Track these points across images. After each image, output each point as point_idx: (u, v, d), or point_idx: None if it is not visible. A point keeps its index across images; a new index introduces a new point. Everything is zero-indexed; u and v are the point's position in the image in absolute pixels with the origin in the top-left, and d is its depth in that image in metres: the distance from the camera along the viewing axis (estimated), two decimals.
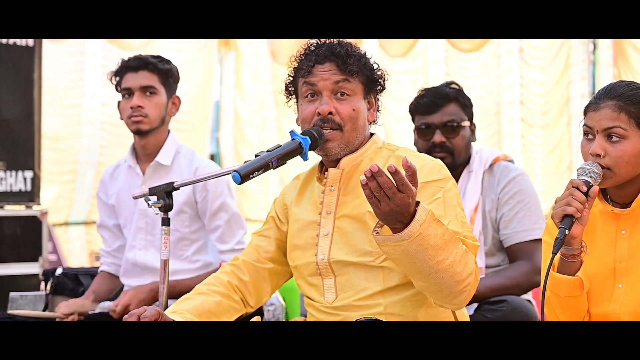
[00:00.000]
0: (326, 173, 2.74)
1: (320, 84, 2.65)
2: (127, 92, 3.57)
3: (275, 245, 2.85)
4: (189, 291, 3.43)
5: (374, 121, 2.76)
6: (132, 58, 3.58)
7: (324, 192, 2.73)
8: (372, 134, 2.77)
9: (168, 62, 3.63)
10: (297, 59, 2.73)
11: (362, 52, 2.72)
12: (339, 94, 2.66)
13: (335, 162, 2.72)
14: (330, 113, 2.64)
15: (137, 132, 3.58)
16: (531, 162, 8.16)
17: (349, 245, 2.66)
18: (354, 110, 2.66)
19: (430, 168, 2.63)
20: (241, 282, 2.79)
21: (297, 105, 2.78)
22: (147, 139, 3.60)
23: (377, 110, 2.77)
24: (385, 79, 2.76)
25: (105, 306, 3.51)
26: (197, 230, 3.63)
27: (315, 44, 2.71)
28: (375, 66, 2.73)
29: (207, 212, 3.57)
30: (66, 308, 3.48)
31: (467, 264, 2.44)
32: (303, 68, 2.69)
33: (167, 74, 3.59)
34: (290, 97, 2.78)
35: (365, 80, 2.70)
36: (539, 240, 3.40)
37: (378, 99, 2.77)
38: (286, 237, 2.83)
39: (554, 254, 2.38)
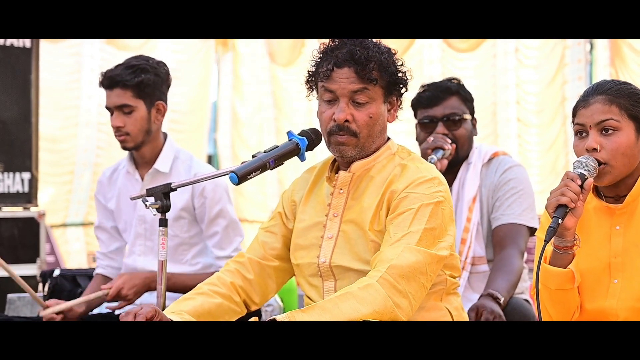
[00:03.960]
0: (336, 175, 2.73)
1: (338, 91, 2.61)
2: (109, 110, 3.55)
3: (282, 243, 2.82)
4: (183, 286, 3.42)
5: (396, 118, 2.72)
6: (105, 75, 3.52)
7: (332, 193, 2.72)
8: (388, 138, 2.74)
9: (143, 70, 3.49)
10: (316, 56, 2.68)
11: (384, 54, 2.64)
12: (357, 100, 2.62)
13: (347, 165, 2.70)
14: (346, 121, 2.61)
15: (124, 149, 3.59)
16: (527, 161, 8.16)
17: (352, 252, 2.64)
18: (371, 117, 2.62)
19: (424, 182, 2.60)
20: (245, 281, 2.76)
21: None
22: (141, 150, 3.58)
23: (399, 108, 2.72)
24: (408, 77, 2.70)
25: (100, 294, 3.47)
26: (196, 235, 3.62)
27: (335, 43, 2.65)
28: (398, 64, 2.67)
29: (206, 218, 3.56)
30: (54, 308, 3.41)
31: (374, 299, 2.38)
32: (321, 71, 2.64)
33: (140, 86, 3.48)
34: (311, 91, 2.73)
35: (386, 85, 2.64)
36: (524, 226, 3.44)
37: (400, 97, 2.71)
38: (292, 234, 2.80)
39: (546, 241, 2.40)
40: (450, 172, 3.52)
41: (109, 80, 3.51)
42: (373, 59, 2.61)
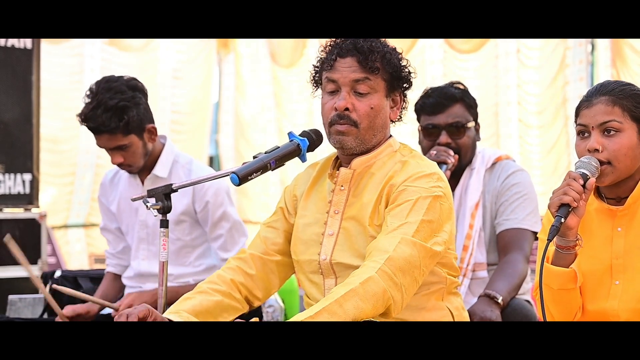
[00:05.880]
0: (338, 171, 2.72)
1: (340, 80, 2.62)
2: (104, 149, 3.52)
3: (284, 238, 2.82)
4: None
5: (398, 119, 2.72)
6: (85, 120, 3.44)
7: (333, 190, 2.71)
8: (390, 136, 2.73)
9: (123, 109, 3.38)
10: (323, 51, 2.70)
11: (388, 48, 2.66)
12: (358, 90, 2.62)
13: (348, 159, 2.70)
14: (347, 109, 2.61)
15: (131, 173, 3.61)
16: (529, 162, 8.16)
17: (352, 249, 2.64)
18: (372, 108, 2.62)
19: (423, 176, 2.60)
20: (247, 277, 2.76)
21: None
22: None
23: (403, 108, 2.73)
24: (412, 77, 2.71)
25: (113, 306, 3.50)
26: (198, 237, 3.63)
27: (340, 39, 2.67)
28: (403, 63, 2.68)
29: (209, 222, 3.56)
30: (71, 312, 3.46)
31: (375, 293, 2.37)
32: (325, 61, 2.66)
33: (127, 127, 3.40)
34: (316, 88, 2.74)
35: (389, 78, 2.65)
36: (528, 231, 3.44)
37: (404, 97, 2.73)
38: (293, 228, 2.80)
39: (549, 240, 2.40)
40: (453, 178, 3.51)
41: (93, 129, 3.45)
42: (376, 49, 2.63)
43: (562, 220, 2.39)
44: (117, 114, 3.39)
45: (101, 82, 3.47)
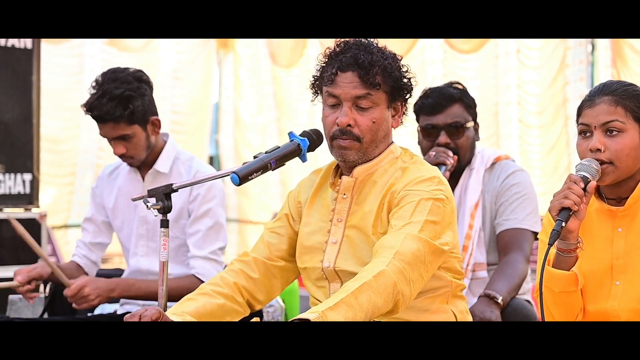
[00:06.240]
0: (340, 180, 2.72)
1: (342, 96, 2.61)
2: (107, 139, 3.51)
3: (287, 244, 2.82)
4: (147, 292, 3.38)
5: (400, 124, 2.73)
6: (90, 109, 3.43)
7: (336, 199, 2.71)
8: (391, 142, 2.73)
9: (128, 98, 3.39)
10: (321, 60, 2.69)
11: (389, 60, 2.65)
12: (360, 105, 2.61)
13: (350, 169, 2.70)
14: (349, 125, 2.61)
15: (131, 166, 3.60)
16: (529, 162, 8.16)
17: (356, 257, 2.64)
18: (374, 122, 2.62)
19: (424, 180, 2.60)
20: (249, 281, 2.76)
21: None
22: None
23: (404, 114, 2.73)
24: (413, 85, 2.70)
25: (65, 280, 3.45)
26: None
27: (340, 46, 2.65)
28: (404, 69, 2.68)
29: (193, 214, 3.52)
30: (24, 276, 3.45)
31: (386, 287, 2.36)
32: (325, 75, 2.65)
33: (131, 116, 3.41)
34: (316, 95, 2.74)
35: (390, 90, 2.64)
36: (528, 231, 3.45)
37: (405, 103, 2.72)
38: (297, 235, 2.80)
39: (550, 245, 2.39)
40: (453, 179, 3.51)
41: (98, 118, 3.44)
42: (377, 63, 2.61)
43: (563, 224, 2.39)
44: (122, 102, 3.40)
45: (107, 73, 3.50)
